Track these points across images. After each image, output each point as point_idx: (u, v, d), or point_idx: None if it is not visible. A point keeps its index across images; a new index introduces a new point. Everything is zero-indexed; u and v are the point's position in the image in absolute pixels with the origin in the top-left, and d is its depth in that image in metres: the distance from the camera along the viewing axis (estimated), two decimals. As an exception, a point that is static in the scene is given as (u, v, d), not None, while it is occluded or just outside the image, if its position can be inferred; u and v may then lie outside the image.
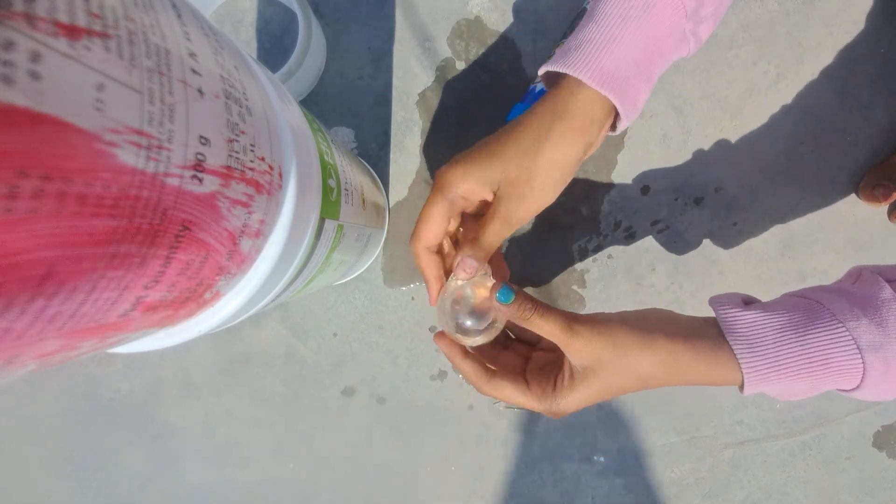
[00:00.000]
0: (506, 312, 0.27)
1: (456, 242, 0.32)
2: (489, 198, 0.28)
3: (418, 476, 0.54)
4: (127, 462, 0.56)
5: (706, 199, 0.51)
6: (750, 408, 0.52)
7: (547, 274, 0.52)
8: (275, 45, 0.51)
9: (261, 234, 0.20)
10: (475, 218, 0.31)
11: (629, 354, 0.26)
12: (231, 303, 0.21)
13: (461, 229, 0.32)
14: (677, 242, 0.51)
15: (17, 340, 0.11)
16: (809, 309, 0.25)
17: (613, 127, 0.28)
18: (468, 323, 0.28)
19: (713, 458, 0.53)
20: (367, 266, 0.52)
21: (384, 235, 0.52)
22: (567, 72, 0.25)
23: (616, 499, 0.54)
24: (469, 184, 0.27)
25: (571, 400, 0.27)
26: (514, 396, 0.28)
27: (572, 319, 0.27)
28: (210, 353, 0.54)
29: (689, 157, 0.51)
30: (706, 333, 0.26)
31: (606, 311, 0.53)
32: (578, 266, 0.52)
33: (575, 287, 0.52)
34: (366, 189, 0.40)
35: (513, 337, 0.34)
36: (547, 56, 0.49)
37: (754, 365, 0.24)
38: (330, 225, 0.28)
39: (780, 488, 0.53)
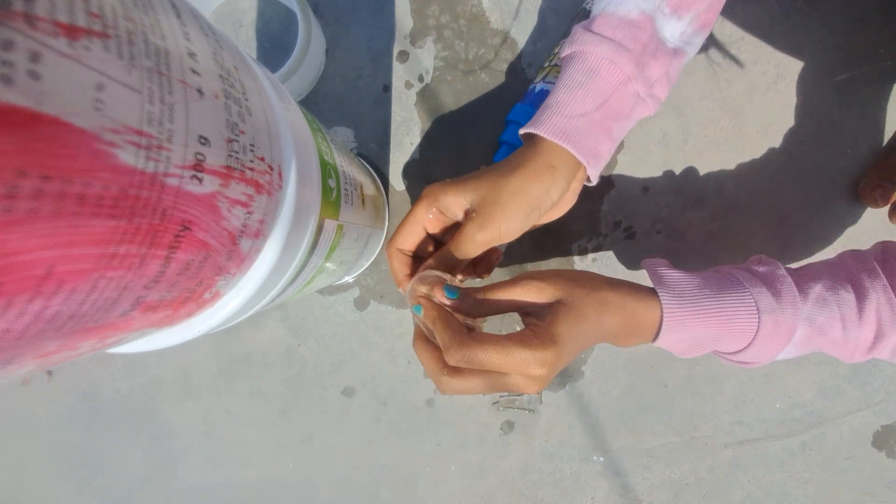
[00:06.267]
0: (457, 306, 0.28)
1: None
2: (461, 217, 0.31)
3: (418, 476, 0.54)
4: (127, 462, 0.56)
5: (706, 199, 0.51)
6: (750, 407, 0.52)
7: (547, 274, 0.52)
8: (275, 45, 0.51)
9: (260, 234, 0.20)
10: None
11: (576, 276, 0.29)
12: (231, 303, 0.21)
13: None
14: (677, 242, 0.51)
15: (17, 340, 0.11)
16: (723, 277, 0.32)
17: (590, 178, 0.33)
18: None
19: (713, 458, 0.53)
20: (366, 266, 0.52)
21: (384, 235, 0.52)
22: (531, 131, 0.31)
23: (616, 499, 0.54)
24: (448, 197, 0.30)
25: (555, 333, 0.26)
26: (497, 340, 0.26)
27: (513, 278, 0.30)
28: (210, 353, 0.54)
29: (689, 157, 0.51)
30: (633, 283, 0.31)
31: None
32: (578, 266, 0.52)
33: (575, 287, 0.52)
34: (365, 189, 0.40)
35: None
36: (547, 56, 0.49)
37: (675, 307, 0.29)
38: (330, 225, 0.28)
39: (780, 488, 0.53)
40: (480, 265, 0.34)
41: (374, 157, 0.52)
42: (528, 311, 0.29)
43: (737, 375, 0.52)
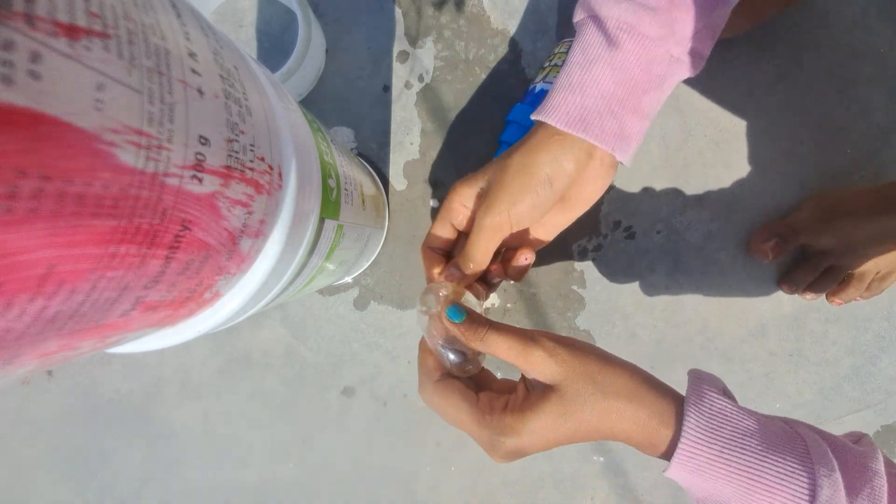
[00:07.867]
0: (458, 332, 0.25)
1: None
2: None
3: (418, 476, 0.54)
4: (127, 462, 0.56)
5: (706, 199, 0.51)
6: (750, 407, 0.52)
7: (547, 274, 0.52)
8: (275, 45, 0.51)
9: (260, 235, 0.20)
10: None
11: (596, 367, 0.24)
12: (231, 303, 0.21)
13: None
14: (677, 242, 0.51)
15: (17, 340, 0.11)
16: (786, 434, 0.23)
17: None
18: (450, 356, 0.27)
19: (713, 457, 0.53)
20: (366, 266, 0.52)
21: (384, 235, 0.52)
22: (539, 118, 0.28)
23: (616, 499, 0.54)
24: (464, 188, 0.30)
25: (523, 423, 0.23)
26: (457, 403, 0.24)
27: (533, 332, 0.25)
28: (210, 353, 0.54)
29: (689, 157, 0.51)
30: (668, 392, 0.25)
31: (606, 311, 0.53)
32: (578, 266, 0.52)
33: (575, 287, 0.52)
34: (365, 189, 0.40)
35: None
36: (547, 56, 0.49)
37: (696, 441, 0.22)
38: (330, 225, 0.28)
39: (780, 488, 0.53)
40: (510, 267, 0.31)
41: (374, 157, 0.52)
42: (523, 374, 0.26)
43: (736, 376, 0.52)
